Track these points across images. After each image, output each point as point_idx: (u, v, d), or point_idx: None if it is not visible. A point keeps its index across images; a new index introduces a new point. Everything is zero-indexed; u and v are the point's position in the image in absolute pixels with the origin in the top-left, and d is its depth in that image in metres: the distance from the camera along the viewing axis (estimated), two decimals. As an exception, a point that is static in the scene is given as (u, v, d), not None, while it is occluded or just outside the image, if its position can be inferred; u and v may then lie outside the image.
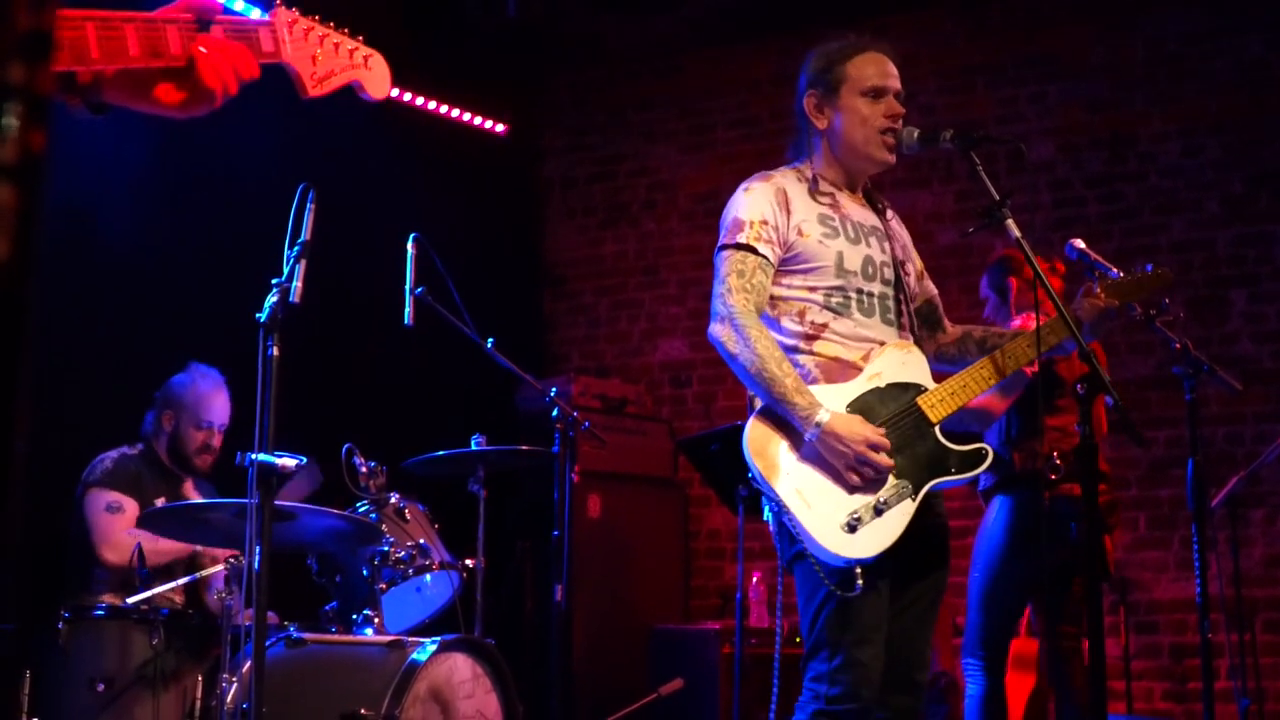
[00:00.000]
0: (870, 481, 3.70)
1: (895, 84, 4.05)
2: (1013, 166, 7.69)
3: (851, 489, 3.70)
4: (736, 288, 3.84)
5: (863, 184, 4.15)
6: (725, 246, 3.92)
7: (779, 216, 3.91)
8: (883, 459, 3.70)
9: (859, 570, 3.63)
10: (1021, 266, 6.10)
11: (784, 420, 3.75)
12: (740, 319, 3.80)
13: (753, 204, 3.94)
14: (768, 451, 3.75)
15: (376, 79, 2.61)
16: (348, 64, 2.54)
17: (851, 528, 3.65)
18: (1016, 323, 5.82)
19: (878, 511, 3.68)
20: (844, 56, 4.05)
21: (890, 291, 4.00)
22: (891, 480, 3.73)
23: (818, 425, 3.68)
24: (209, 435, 5.76)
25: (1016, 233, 3.78)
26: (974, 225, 3.95)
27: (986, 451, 3.86)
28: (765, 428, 3.78)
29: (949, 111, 8.25)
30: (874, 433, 3.72)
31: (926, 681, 3.97)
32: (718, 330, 3.85)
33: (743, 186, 4.02)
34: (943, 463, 3.81)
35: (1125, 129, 7.99)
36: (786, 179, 4.02)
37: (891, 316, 3.98)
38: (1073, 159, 8.09)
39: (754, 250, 3.87)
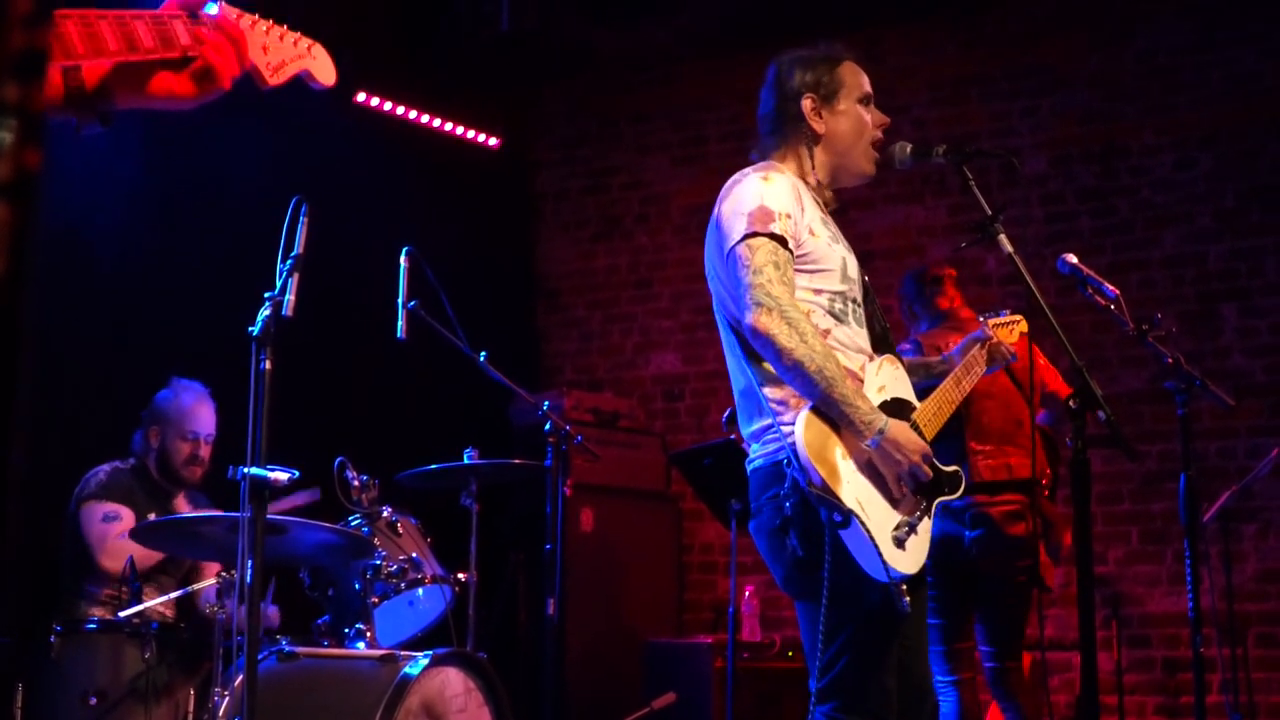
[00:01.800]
0: (904, 497, 3.65)
1: (872, 93, 4.06)
2: (1005, 180, 7.70)
3: (893, 504, 3.63)
4: (778, 280, 3.61)
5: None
6: (757, 234, 3.67)
7: (798, 212, 3.75)
8: (930, 472, 3.65)
9: (904, 587, 3.52)
10: (939, 280, 6.14)
11: (834, 424, 3.58)
12: (790, 312, 3.57)
13: (778, 195, 3.75)
14: (827, 457, 3.55)
15: (322, 67, 2.66)
16: (294, 53, 2.58)
17: (899, 542, 3.57)
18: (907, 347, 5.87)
19: (911, 528, 3.63)
20: (835, 63, 4.00)
21: (865, 306, 3.97)
22: (913, 497, 3.70)
23: (881, 431, 3.55)
24: (195, 446, 5.77)
25: (1009, 247, 3.78)
26: (966, 240, 3.96)
27: (961, 474, 3.87)
28: (821, 430, 3.57)
29: (941, 125, 8.26)
30: (924, 444, 3.66)
31: (935, 690, 3.95)
32: (764, 320, 3.56)
33: (759, 174, 3.83)
34: (939, 482, 3.80)
35: (1118, 142, 8.00)
36: (793, 176, 3.88)
37: (868, 330, 3.95)
38: (1065, 172, 8.10)
39: (785, 243, 3.68)
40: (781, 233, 3.68)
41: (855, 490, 3.55)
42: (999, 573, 5.76)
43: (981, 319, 4.49)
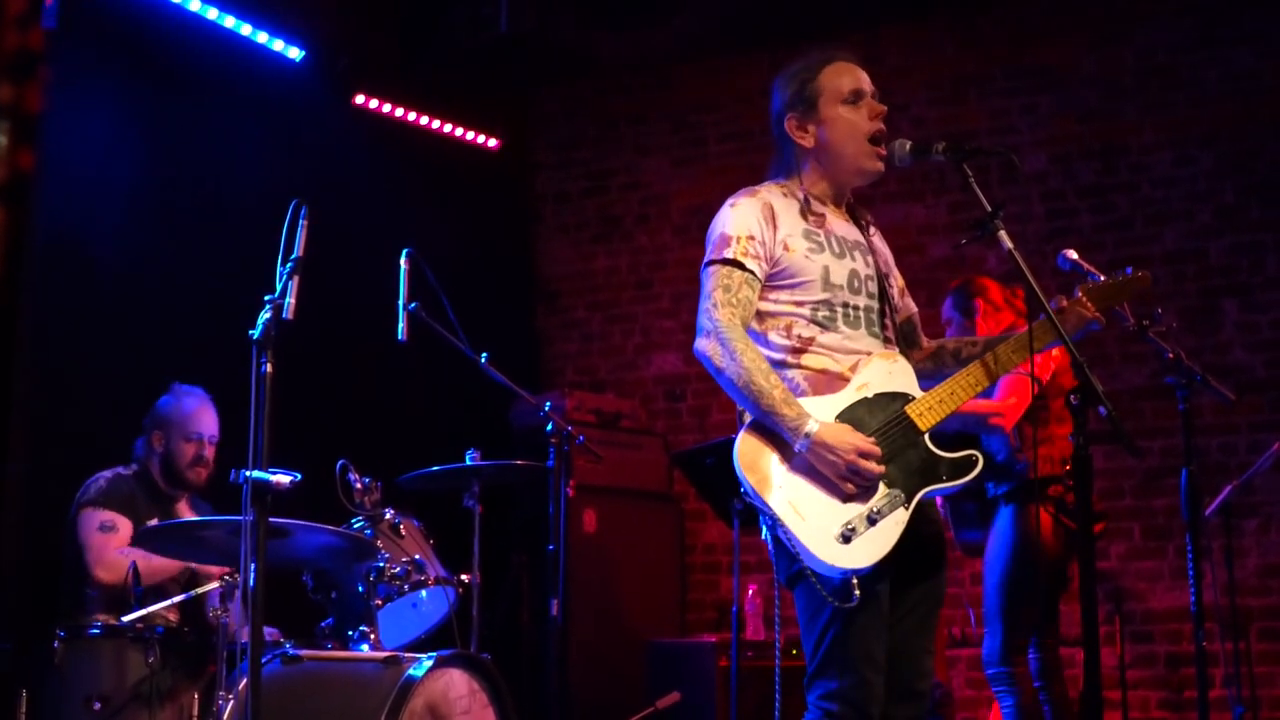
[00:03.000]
0: (862, 490, 3.70)
1: (869, 85, 4.07)
2: (1005, 178, 7.70)
3: (845, 499, 3.70)
4: (722, 302, 3.84)
5: (847, 198, 4.15)
6: (712, 262, 3.91)
7: (765, 231, 3.91)
8: (873, 466, 3.69)
9: (855, 581, 3.63)
10: (987, 289, 6.11)
11: (774, 433, 3.75)
12: (726, 333, 3.79)
13: (739, 219, 3.93)
14: (759, 465, 3.74)
15: None
16: None
17: (846, 538, 3.65)
18: None
19: (871, 521, 3.68)
20: (814, 71, 4.07)
21: (875, 304, 4.00)
22: (884, 489, 3.73)
23: (807, 435, 3.68)
24: (200, 447, 5.77)
25: (1009, 244, 3.78)
26: (967, 237, 3.95)
27: (976, 458, 3.86)
28: (756, 441, 3.78)
29: (940, 123, 8.26)
30: (864, 440, 3.72)
31: (928, 691, 3.96)
32: (704, 345, 3.83)
33: (729, 202, 4.01)
34: (934, 470, 3.82)
35: (1117, 140, 8.00)
36: (773, 194, 4.01)
37: (877, 329, 3.98)
38: (1065, 170, 8.10)
39: (740, 265, 3.87)
40: (736, 256, 3.88)
41: (789, 494, 3.71)
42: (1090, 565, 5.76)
43: (1083, 283, 4.31)
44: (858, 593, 3.62)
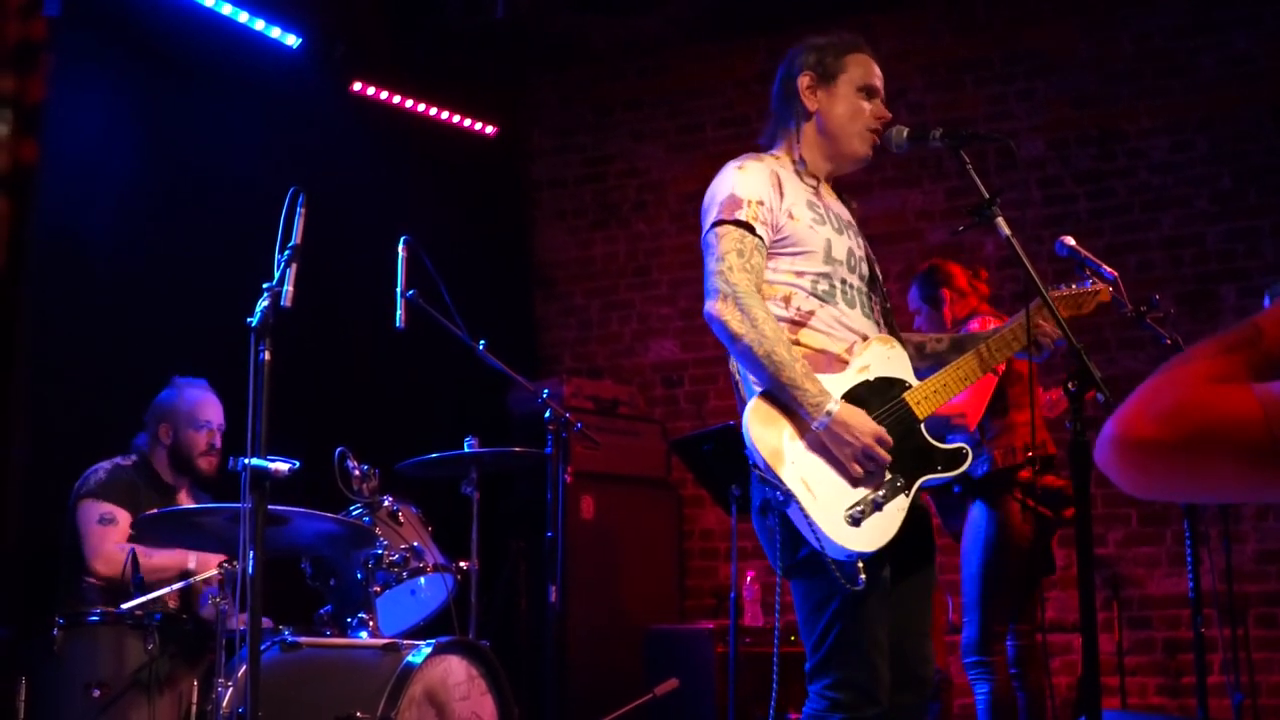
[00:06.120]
0: (869, 475, 3.69)
1: (881, 88, 4.10)
2: (1002, 164, 7.69)
3: (853, 482, 3.67)
4: (738, 266, 3.74)
5: (832, 179, 4.14)
6: (723, 222, 3.82)
7: (773, 198, 3.86)
8: (885, 454, 3.68)
9: (861, 565, 3.61)
10: (952, 277, 6.11)
11: (785, 406, 3.68)
12: (745, 299, 3.70)
13: (750, 183, 3.88)
14: (770, 438, 3.66)
15: None
16: None
17: (855, 520, 3.62)
18: (975, 325, 5.83)
19: (876, 506, 3.67)
20: (844, 50, 4.08)
21: (866, 287, 4.00)
22: (886, 475, 3.72)
23: (828, 414, 3.63)
24: (210, 435, 5.78)
25: (1006, 230, 3.78)
26: (964, 223, 3.96)
27: (966, 451, 3.87)
28: (768, 413, 3.70)
29: (937, 109, 8.26)
30: (880, 427, 3.70)
31: (931, 677, 3.95)
32: (719, 308, 3.73)
33: (735, 164, 3.96)
34: (930, 460, 3.81)
35: (1114, 125, 8.00)
36: (778, 161, 4.00)
37: (869, 311, 3.98)
38: (1062, 156, 8.10)
39: (752, 230, 3.80)
40: (748, 219, 3.81)
41: (802, 470, 3.64)
42: (1048, 548, 5.78)
43: (1052, 289, 4.31)
44: (863, 576, 3.60)
